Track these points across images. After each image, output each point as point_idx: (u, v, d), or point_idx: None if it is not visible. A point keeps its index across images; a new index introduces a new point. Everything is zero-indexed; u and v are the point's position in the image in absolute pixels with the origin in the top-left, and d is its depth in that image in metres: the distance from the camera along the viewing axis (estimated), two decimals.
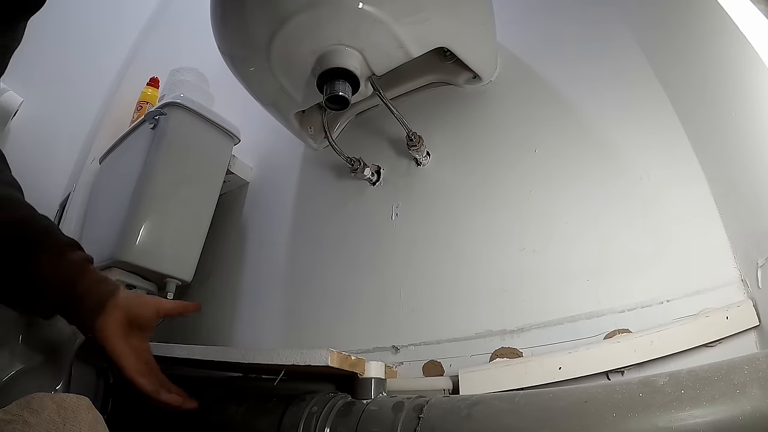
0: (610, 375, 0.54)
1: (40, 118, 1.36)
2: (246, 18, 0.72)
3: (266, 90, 0.85)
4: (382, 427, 0.53)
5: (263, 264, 1.12)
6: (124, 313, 0.56)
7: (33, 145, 1.34)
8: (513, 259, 0.71)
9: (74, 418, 0.39)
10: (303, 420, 0.61)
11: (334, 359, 0.57)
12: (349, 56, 0.71)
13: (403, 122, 0.84)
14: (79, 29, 1.50)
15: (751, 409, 0.33)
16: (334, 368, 0.58)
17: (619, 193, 0.66)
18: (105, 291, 0.55)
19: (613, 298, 0.61)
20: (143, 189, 1.01)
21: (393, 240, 0.87)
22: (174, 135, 1.07)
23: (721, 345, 0.50)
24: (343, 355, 0.59)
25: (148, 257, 0.98)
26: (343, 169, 1.00)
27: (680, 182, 0.62)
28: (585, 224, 0.67)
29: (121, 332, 0.56)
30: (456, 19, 0.75)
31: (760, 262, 0.49)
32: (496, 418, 0.46)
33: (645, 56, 0.72)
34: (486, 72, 0.87)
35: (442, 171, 0.87)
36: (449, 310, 0.75)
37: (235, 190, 1.30)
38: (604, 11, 0.81)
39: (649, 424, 0.36)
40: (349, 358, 0.61)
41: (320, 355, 0.57)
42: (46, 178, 1.38)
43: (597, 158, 0.70)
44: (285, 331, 0.97)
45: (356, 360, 0.62)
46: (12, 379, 0.84)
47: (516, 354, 0.65)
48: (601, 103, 0.74)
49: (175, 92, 1.15)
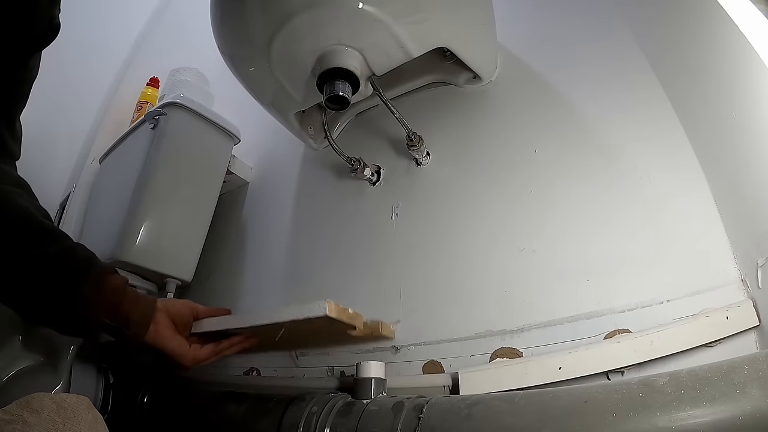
0: (610, 375, 0.54)
1: (39, 118, 1.36)
2: (246, 18, 0.72)
3: (266, 90, 0.85)
4: (382, 427, 0.53)
5: (263, 264, 1.12)
6: (168, 316, 0.66)
7: (33, 145, 1.33)
8: (513, 259, 0.71)
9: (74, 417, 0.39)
10: (303, 420, 0.61)
11: (332, 309, 0.59)
12: (349, 56, 0.71)
13: (403, 122, 0.84)
14: (79, 29, 1.49)
15: (751, 409, 0.33)
16: (333, 319, 0.59)
17: (620, 193, 0.66)
18: (146, 305, 0.64)
19: (613, 298, 0.61)
20: (143, 189, 1.01)
21: (393, 240, 0.87)
22: (174, 135, 1.07)
23: (721, 345, 0.50)
24: (341, 307, 0.61)
25: (148, 257, 0.98)
26: (343, 169, 1.00)
27: (680, 182, 0.62)
28: (585, 224, 0.67)
29: (171, 333, 0.65)
30: (456, 19, 0.75)
31: (760, 262, 0.49)
32: (496, 418, 0.46)
33: (645, 56, 0.72)
34: (486, 72, 0.87)
35: (442, 171, 0.87)
36: (449, 309, 0.75)
37: (235, 190, 1.30)
38: (605, 11, 0.81)
39: (649, 424, 0.36)
40: (347, 311, 0.63)
41: (318, 306, 0.59)
42: (46, 178, 1.38)
43: (597, 158, 0.70)
44: None
45: (354, 314, 0.64)
46: (12, 379, 0.84)
47: (516, 354, 0.65)
48: (601, 104, 0.74)
49: (175, 92, 1.15)
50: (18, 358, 0.87)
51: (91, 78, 1.51)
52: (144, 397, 0.95)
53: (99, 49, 1.54)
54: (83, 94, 1.49)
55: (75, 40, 1.47)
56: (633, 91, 0.71)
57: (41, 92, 1.36)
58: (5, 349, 0.85)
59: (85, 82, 1.50)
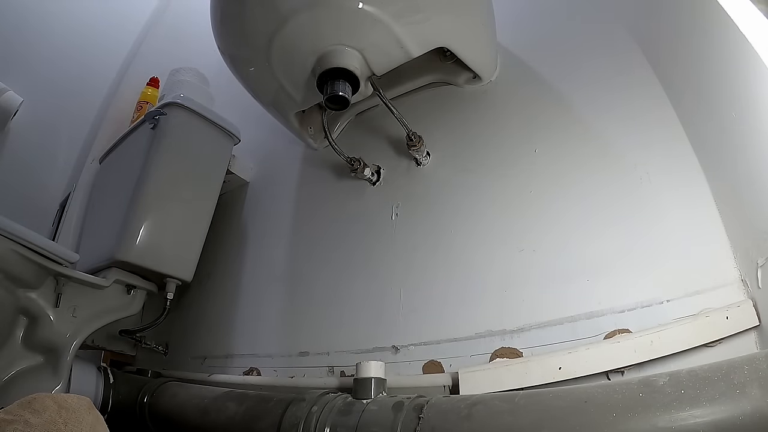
0: (610, 375, 0.54)
1: (40, 118, 1.36)
2: (246, 18, 0.72)
3: (266, 90, 0.85)
4: (382, 426, 0.53)
5: (263, 264, 1.12)
6: None
7: (33, 145, 1.34)
8: (513, 259, 0.71)
9: (75, 418, 0.39)
10: (303, 420, 0.61)
11: None
12: (349, 56, 0.71)
13: (403, 122, 0.84)
14: (79, 29, 1.50)
15: (751, 409, 0.33)
16: None
17: (619, 193, 0.66)
18: None
19: (613, 298, 0.61)
20: (143, 189, 1.01)
21: (393, 240, 0.87)
22: (174, 135, 1.07)
23: (721, 345, 0.50)
24: None
25: (148, 257, 0.98)
26: (343, 169, 1.00)
27: (680, 182, 0.62)
28: (585, 224, 0.67)
29: None
30: (456, 19, 0.75)
31: (760, 262, 0.49)
32: (496, 418, 0.46)
33: (645, 56, 0.72)
34: (486, 72, 0.87)
35: (442, 171, 0.87)
36: (449, 309, 0.75)
37: (235, 190, 1.30)
38: (605, 11, 0.81)
39: (649, 424, 0.36)
40: None
41: None
42: (46, 178, 1.38)
43: (597, 158, 0.70)
44: (285, 330, 0.97)
45: None
46: (12, 379, 0.84)
47: (516, 354, 0.65)
48: (601, 104, 0.74)
49: (175, 92, 1.15)
50: (18, 358, 0.87)
51: (91, 78, 1.51)
52: (144, 397, 0.95)
53: (99, 49, 1.54)
54: (83, 95, 1.49)
55: (75, 40, 1.48)
56: (633, 92, 0.71)
57: (41, 92, 1.37)
58: (5, 349, 0.85)
59: (85, 82, 1.50)
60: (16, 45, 1.34)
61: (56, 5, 1.46)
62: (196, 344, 1.17)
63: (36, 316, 0.88)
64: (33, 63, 1.36)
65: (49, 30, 1.42)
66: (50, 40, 1.41)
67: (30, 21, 1.39)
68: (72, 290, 0.92)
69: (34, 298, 0.88)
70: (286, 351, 0.93)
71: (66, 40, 1.46)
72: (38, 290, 0.88)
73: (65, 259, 0.88)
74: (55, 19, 1.45)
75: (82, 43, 1.49)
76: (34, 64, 1.36)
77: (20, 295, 0.85)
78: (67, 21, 1.47)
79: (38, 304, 0.88)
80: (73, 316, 0.92)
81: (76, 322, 0.93)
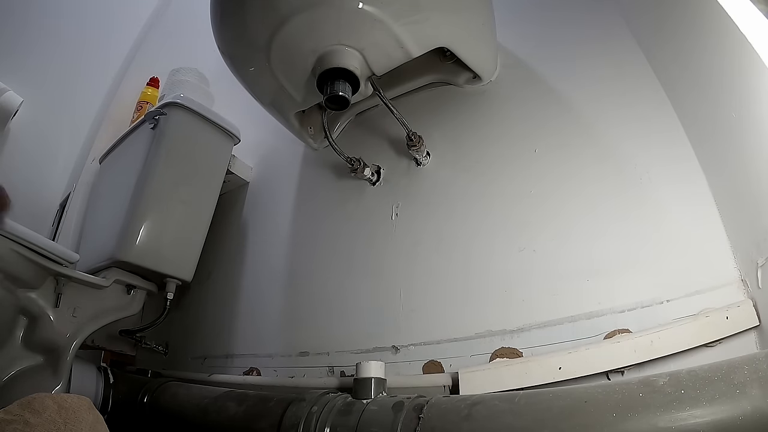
0: (610, 375, 0.54)
1: (40, 118, 1.36)
2: (246, 18, 0.72)
3: (266, 90, 0.85)
4: (382, 426, 0.53)
5: (263, 264, 1.12)
6: None
7: (33, 145, 1.34)
8: (513, 259, 0.71)
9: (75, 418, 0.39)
10: (303, 420, 0.61)
11: None
12: (349, 56, 0.71)
13: (403, 122, 0.84)
14: (79, 29, 1.50)
15: (751, 409, 0.33)
16: None
17: (619, 193, 0.66)
18: None
19: (613, 298, 0.61)
20: (143, 189, 1.01)
21: (393, 240, 0.87)
22: (174, 135, 1.07)
23: (721, 345, 0.50)
24: None
25: (148, 257, 0.98)
26: (343, 169, 1.00)
27: (680, 182, 0.62)
28: (585, 224, 0.67)
29: None
30: (456, 19, 0.75)
31: (760, 262, 0.49)
32: (496, 418, 0.46)
33: (645, 56, 0.72)
34: (486, 72, 0.87)
35: (442, 171, 0.87)
36: (449, 309, 0.75)
37: (235, 190, 1.30)
38: (604, 11, 0.81)
39: (649, 424, 0.36)
40: None
41: None
42: (46, 178, 1.38)
43: (597, 158, 0.70)
44: (285, 330, 0.97)
45: None
46: (12, 379, 0.84)
47: (516, 354, 0.65)
48: (601, 104, 0.74)
49: (175, 92, 1.15)
50: (18, 358, 0.87)
51: (91, 78, 1.51)
52: (144, 397, 0.95)
53: (99, 49, 1.54)
54: (83, 95, 1.49)
55: (75, 40, 1.48)
56: (633, 92, 0.71)
57: (42, 92, 1.37)
58: (5, 349, 0.85)
59: (85, 82, 1.50)
60: (16, 45, 1.34)
61: (56, 5, 1.46)
62: (196, 344, 1.17)
63: (36, 316, 0.88)
64: (33, 63, 1.36)
65: (49, 30, 1.42)
66: (50, 40, 1.41)
67: (30, 21, 1.39)
68: (72, 290, 0.92)
69: (34, 298, 0.88)
70: (286, 351, 0.94)
71: (66, 40, 1.46)
72: (38, 290, 0.88)
73: (65, 259, 0.88)
74: (55, 19, 1.45)
75: (82, 43, 1.49)
76: (34, 64, 1.36)
77: (20, 295, 0.85)
78: (67, 21, 1.47)
79: (38, 304, 0.88)
80: (73, 316, 0.92)
81: (76, 322, 0.93)
